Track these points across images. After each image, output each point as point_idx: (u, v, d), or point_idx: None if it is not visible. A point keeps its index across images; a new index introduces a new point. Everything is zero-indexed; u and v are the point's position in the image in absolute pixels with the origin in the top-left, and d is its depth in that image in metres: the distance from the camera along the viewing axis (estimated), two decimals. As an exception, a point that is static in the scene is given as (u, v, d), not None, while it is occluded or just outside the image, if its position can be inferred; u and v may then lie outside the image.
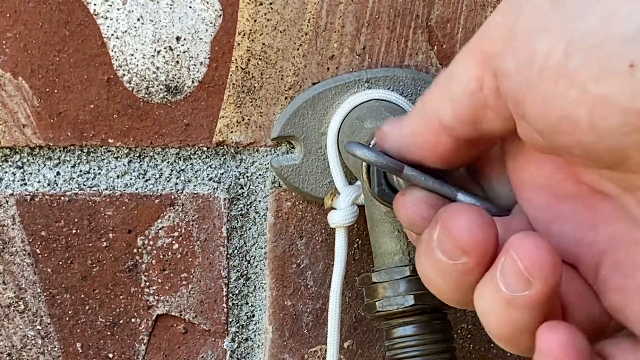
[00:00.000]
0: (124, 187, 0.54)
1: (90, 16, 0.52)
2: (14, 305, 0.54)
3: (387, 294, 0.50)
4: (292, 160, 0.54)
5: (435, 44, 0.54)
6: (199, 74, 0.53)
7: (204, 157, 0.54)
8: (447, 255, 0.39)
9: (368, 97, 0.53)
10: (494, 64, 0.39)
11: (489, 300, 0.39)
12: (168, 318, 0.55)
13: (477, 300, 0.40)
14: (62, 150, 0.53)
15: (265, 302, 0.56)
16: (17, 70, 0.52)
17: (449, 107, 0.41)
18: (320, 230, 0.55)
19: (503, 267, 0.38)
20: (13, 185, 0.53)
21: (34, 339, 0.54)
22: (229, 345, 0.56)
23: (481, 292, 0.40)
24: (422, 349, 0.50)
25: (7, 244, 0.53)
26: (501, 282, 0.38)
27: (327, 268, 0.55)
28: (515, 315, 0.39)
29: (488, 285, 0.39)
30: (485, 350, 0.58)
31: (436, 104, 0.41)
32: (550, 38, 0.37)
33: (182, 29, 0.52)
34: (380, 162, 0.42)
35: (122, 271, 0.54)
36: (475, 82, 0.40)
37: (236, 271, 0.55)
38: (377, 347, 0.56)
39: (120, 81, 0.52)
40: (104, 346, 0.55)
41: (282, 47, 0.53)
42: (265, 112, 0.54)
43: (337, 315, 0.52)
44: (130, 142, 0.53)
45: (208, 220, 0.54)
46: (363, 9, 0.53)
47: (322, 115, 0.53)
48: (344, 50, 0.54)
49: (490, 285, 0.39)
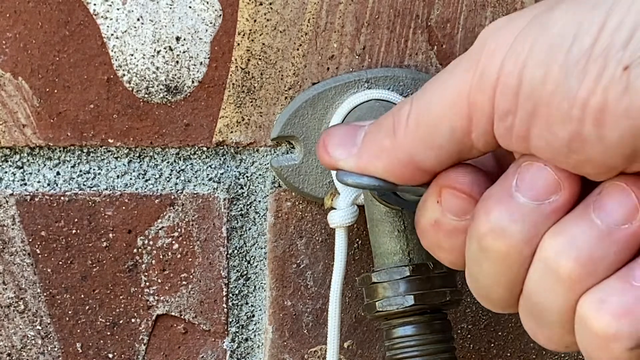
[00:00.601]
0: (124, 187, 0.54)
1: (90, 16, 0.52)
2: (14, 305, 0.54)
3: (387, 294, 0.50)
4: (292, 160, 0.54)
5: (435, 44, 0.54)
6: (199, 74, 0.53)
7: (204, 157, 0.54)
8: (534, 197, 0.39)
9: (368, 97, 0.53)
10: (485, 109, 0.39)
11: (569, 238, 0.39)
12: (168, 318, 0.55)
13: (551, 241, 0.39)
14: (62, 150, 0.53)
15: (265, 302, 0.56)
16: (17, 70, 0.52)
17: (431, 154, 0.41)
18: (320, 230, 0.55)
19: (601, 201, 0.38)
20: (13, 185, 0.53)
21: (34, 339, 0.54)
22: (229, 346, 0.56)
23: (562, 229, 0.39)
24: (422, 349, 0.50)
25: (7, 244, 0.53)
26: (596, 215, 0.38)
27: (327, 268, 0.55)
28: (600, 252, 0.38)
29: (574, 222, 0.39)
30: (485, 350, 0.58)
31: (412, 149, 0.41)
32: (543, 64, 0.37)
33: (182, 29, 0.52)
34: (373, 185, 0.43)
35: (122, 271, 0.54)
36: (462, 131, 0.40)
37: (236, 271, 0.55)
38: (377, 347, 0.57)
39: (120, 81, 0.52)
40: (104, 346, 0.55)
41: (282, 47, 0.53)
42: (265, 112, 0.54)
43: (337, 315, 0.52)
44: (130, 142, 0.53)
45: (208, 220, 0.54)
46: (363, 9, 0.53)
47: (322, 115, 0.53)
48: (344, 50, 0.54)
49: (578, 221, 0.39)
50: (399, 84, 0.53)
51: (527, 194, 0.40)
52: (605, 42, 0.36)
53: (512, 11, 0.54)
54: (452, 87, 0.40)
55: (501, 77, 0.39)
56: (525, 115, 0.38)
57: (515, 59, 0.38)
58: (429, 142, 0.41)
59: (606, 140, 0.37)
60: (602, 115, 0.36)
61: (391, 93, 0.53)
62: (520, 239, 0.40)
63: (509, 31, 0.39)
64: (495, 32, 0.40)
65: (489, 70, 0.39)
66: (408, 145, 0.42)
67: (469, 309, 0.57)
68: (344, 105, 0.53)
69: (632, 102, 0.36)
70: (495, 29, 0.40)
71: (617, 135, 0.37)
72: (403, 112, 0.42)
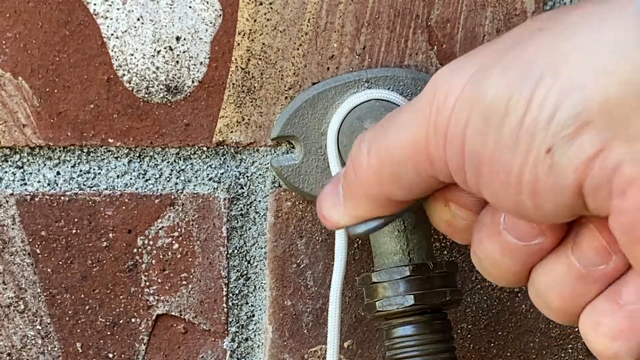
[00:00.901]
0: (124, 187, 0.54)
1: (90, 16, 0.52)
2: (14, 305, 0.54)
3: (387, 294, 0.50)
4: (292, 160, 0.54)
5: (435, 44, 0.54)
6: (199, 74, 0.53)
7: (204, 157, 0.54)
8: (519, 237, 0.41)
9: (368, 97, 0.53)
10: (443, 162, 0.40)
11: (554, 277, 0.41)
12: (168, 318, 0.55)
13: (539, 277, 0.41)
14: (62, 150, 0.53)
15: (265, 302, 0.56)
16: (17, 70, 0.52)
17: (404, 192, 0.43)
18: (320, 230, 0.55)
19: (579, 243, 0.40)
20: (13, 185, 0.53)
21: (34, 339, 0.54)
22: (229, 345, 0.56)
23: (548, 269, 0.41)
24: (422, 349, 0.50)
25: (7, 244, 0.53)
26: (575, 257, 0.40)
27: (327, 268, 0.55)
28: (581, 289, 0.40)
29: (557, 262, 0.41)
30: (485, 350, 0.58)
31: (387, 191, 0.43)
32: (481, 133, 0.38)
33: (182, 28, 0.52)
34: (378, 225, 0.45)
35: (122, 271, 0.54)
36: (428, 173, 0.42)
37: (236, 271, 0.55)
38: (377, 347, 0.56)
39: (120, 81, 0.52)
40: (104, 346, 0.55)
41: (282, 47, 0.53)
42: (265, 112, 0.54)
43: (337, 315, 0.52)
44: (130, 142, 0.53)
45: (208, 220, 0.54)
46: (363, 9, 0.53)
47: (322, 115, 0.53)
48: (344, 50, 0.54)
49: (559, 262, 0.40)
50: (399, 84, 0.53)
51: (513, 234, 0.42)
52: (531, 119, 0.37)
53: (512, 11, 0.54)
54: (411, 141, 0.41)
55: (448, 134, 0.40)
56: (473, 176, 0.40)
57: (458, 120, 0.39)
58: (397, 182, 0.43)
59: (545, 209, 0.39)
60: (536, 189, 0.38)
61: (391, 93, 0.53)
62: (512, 269, 0.42)
63: (458, 80, 0.40)
64: (445, 79, 0.40)
65: (440, 127, 0.40)
66: (377, 187, 0.43)
67: (469, 309, 0.57)
68: (344, 105, 0.53)
69: (557, 181, 0.37)
70: (446, 74, 0.41)
71: (552, 206, 0.38)
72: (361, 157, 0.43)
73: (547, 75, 0.37)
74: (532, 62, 0.37)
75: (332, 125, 0.53)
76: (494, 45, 0.40)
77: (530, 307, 0.57)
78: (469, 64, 0.40)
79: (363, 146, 0.43)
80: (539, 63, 0.37)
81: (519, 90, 0.37)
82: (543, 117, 0.36)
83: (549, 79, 0.37)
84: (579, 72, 0.36)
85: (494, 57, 0.39)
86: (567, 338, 0.58)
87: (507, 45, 0.39)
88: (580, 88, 0.36)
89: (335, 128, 0.53)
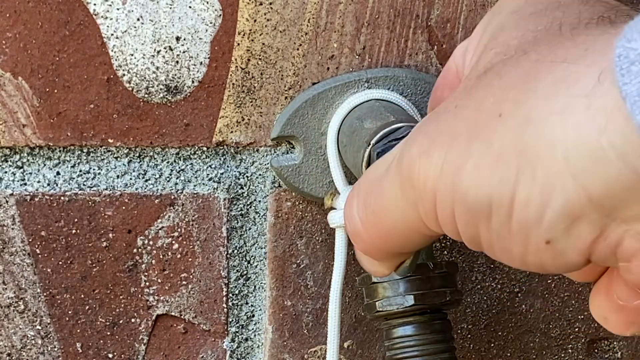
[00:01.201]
0: (124, 187, 0.54)
1: (90, 16, 0.52)
2: (14, 305, 0.54)
3: (387, 294, 0.50)
4: (292, 160, 0.54)
5: (435, 44, 0.54)
6: (199, 74, 0.53)
7: (203, 157, 0.54)
8: None
9: (368, 97, 0.53)
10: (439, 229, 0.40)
11: None
12: (168, 318, 0.55)
13: None
14: (62, 150, 0.53)
15: (265, 302, 0.56)
16: (17, 70, 0.52)
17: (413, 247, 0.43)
18: (320, 230, 0.55)
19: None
20: (13, 185, 0.53)
21: (34, 339, 0.54)
22: (229, 345, 0.56)
23: None
24: (422, 349, 0.50)
25: (7, 244, 0.53)
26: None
27: (327, 268, 0.55)
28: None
29: None
30: (485, 350, 0.58)
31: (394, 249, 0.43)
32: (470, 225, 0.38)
33: (182, 29, 0.52)
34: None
35: (122, 271, 0.54)
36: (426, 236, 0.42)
37: (236, 271, 0.55)
38: (377, 347, 0.57)
39: (120, 81, 0.52)
40: (104, 346, 0.55)
41: (282, 47, 0.53)
42: (265, 112, 0.54)
43: (337, 315, 0.52)
44: (130, 142, 0.53)
45: (208, 220, 0.54)
46: (363, 9, 0.53)
47: (322, 115, 0.53)
48: (344, 50, 0.54)
49: None
50: (399, 84, 0.53)
51: None
52: (519, 218, 0.36)
53: (512, 11, 0.54)
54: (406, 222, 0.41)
55: (440, 221, 0.39)
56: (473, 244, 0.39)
57: (444, 210, 0.38)
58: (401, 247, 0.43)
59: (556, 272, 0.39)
60: (543, 267, 0.38)
61: (391, 93, 0.53)
62: None
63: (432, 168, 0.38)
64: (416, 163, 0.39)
65: (429, 213, 0.39)
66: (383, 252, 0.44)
67: (469, 309, 0.57)
68: (344, 105, 0.53)
69: (563, 262, 0.37)
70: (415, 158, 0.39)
71: (562, 272, 0.39)
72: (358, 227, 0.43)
73: (522, 175, 0.35)
74: (501, 158, 0.36)
75: (332, 125, 0.53)
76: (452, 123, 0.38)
77: (530, 307, 0.57)
78: (436, 152, 0.38)
79: (355, 214, 0.43)
80: (509, 159, 0.36)
81: (498, 193, 0.36)
82: (531, 216, 0.36)
83: (525, 180, 0.35)
84: (557, 175, 0.35)
85: (460, 147, 0.37)
86: (567, 338, 0.58)
87: (468, 127, 0.37)
88: (562, 191, 0.35)
89: (335, 128, 0.53)
